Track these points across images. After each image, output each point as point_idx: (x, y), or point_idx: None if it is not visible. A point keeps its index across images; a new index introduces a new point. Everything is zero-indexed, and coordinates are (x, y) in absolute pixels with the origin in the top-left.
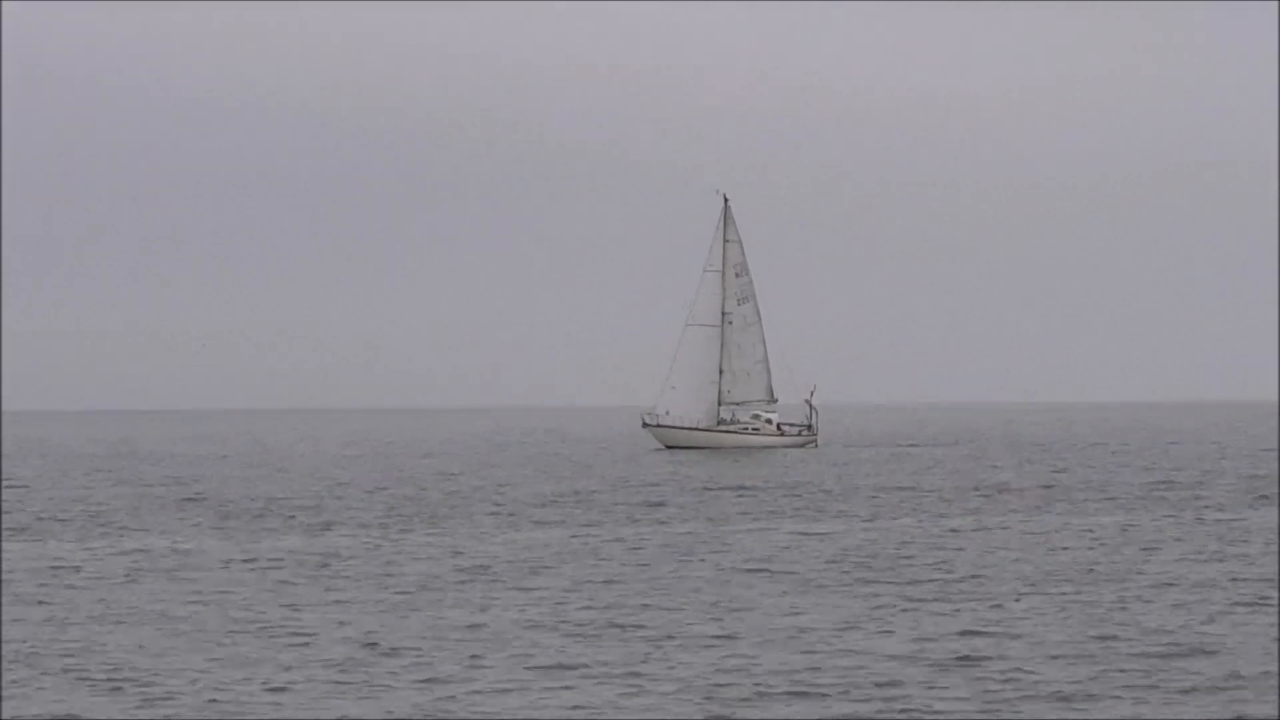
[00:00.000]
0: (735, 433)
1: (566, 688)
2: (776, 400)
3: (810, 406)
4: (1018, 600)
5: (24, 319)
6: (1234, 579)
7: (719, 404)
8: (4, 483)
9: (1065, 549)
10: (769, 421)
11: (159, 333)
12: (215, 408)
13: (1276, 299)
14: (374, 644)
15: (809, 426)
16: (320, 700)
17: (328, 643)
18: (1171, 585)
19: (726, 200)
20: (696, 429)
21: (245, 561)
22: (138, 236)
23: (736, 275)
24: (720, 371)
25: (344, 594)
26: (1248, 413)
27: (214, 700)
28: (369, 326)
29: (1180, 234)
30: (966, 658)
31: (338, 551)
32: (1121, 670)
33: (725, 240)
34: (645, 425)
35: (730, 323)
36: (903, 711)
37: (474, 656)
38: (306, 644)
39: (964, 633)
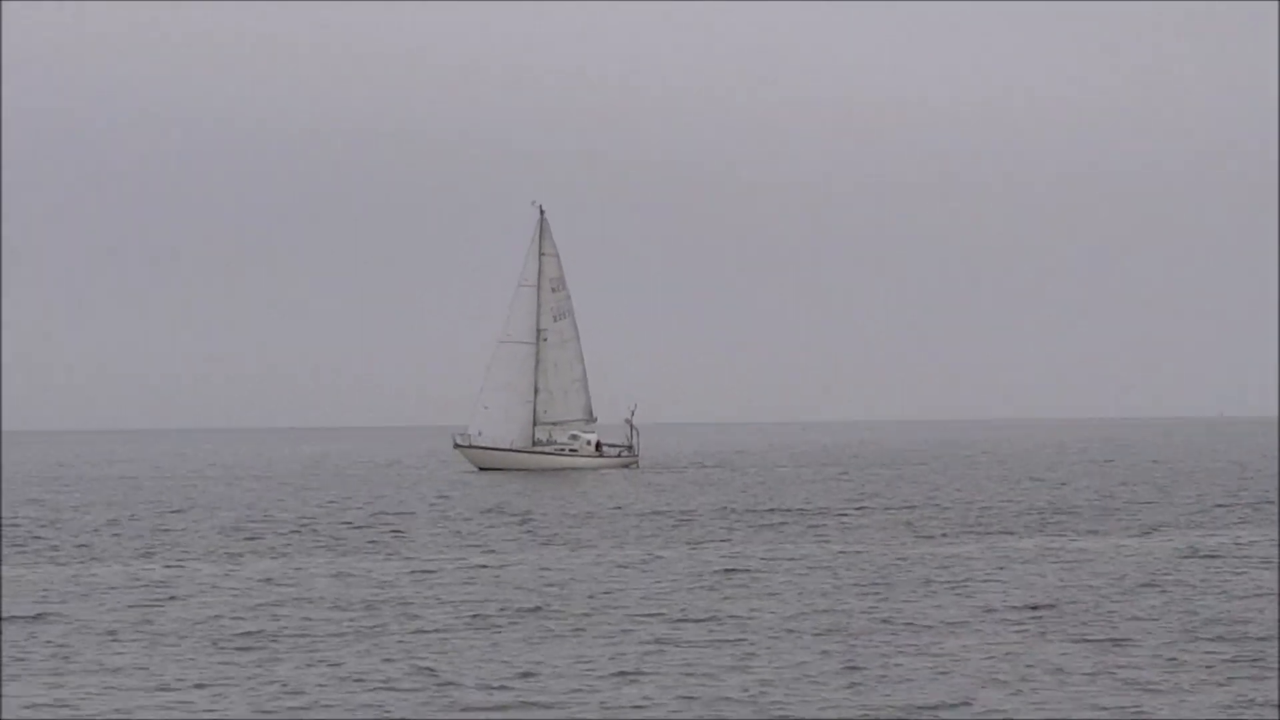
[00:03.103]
0: (551, 454)
1: None
2: (595, 419)
3: (631, 426)
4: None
5: None
6: None
7: (534, 424)
8: None
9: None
10: (588, 442)
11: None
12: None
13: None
14: None
15: (629, 447)
16: None
17: None
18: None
19: (543, 211)
20: (511, 450)
21: None
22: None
23: (553, 290)
24: (536, 390)
25: None
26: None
27: None
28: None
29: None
30: None
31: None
32: None
33: (541, 253)
34: (457, 446)
35: (545, 339)
36: None
37: None
38: None
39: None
